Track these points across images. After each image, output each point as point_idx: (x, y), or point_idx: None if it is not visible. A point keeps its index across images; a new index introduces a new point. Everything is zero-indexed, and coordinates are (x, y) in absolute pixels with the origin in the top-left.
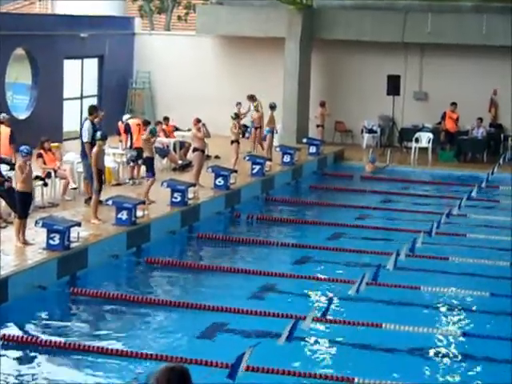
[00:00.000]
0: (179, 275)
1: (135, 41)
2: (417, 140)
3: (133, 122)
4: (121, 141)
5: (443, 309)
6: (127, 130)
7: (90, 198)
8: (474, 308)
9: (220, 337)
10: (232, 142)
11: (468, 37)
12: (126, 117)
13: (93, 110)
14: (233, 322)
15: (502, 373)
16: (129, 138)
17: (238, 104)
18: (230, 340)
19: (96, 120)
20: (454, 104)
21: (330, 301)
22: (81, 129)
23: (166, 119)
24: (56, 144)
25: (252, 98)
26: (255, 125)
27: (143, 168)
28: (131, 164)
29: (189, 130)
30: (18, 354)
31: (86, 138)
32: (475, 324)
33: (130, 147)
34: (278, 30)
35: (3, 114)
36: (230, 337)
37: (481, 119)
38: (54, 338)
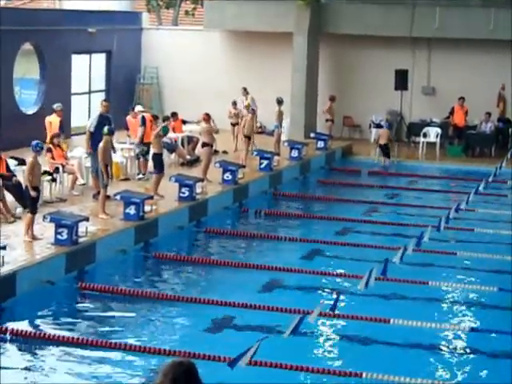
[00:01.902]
0: (187, 270)
1: (143, 36)
2: (425, 135)
3: (148, 117)
4: (129, 136)
5: (451, 304)
6: (143, 122)
7: (98, 193)
8: (482, 303)
9: (228, 331)
10: (244, 136)
11: (476, 31)
12: (138, 107)
13: (101, 101)
14: (241, 316)
15: (510, 368)
16: (140, 132)
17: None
18: (237, 335)
19: (102, 109)
20: (461, 98)
21: (338, 296)
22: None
23: (174, 115)
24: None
25: (245, 90)
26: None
27: (150, 163)
28: (141, 159)
29: (198, 121)
30: (26, 348)
31: (87, 127)
32: (483, 319)
33: (141, 142)
34: (285, 24)
35: (57, 104)
36: (237, 331)
37: (489, 114)
38: (61, 333)
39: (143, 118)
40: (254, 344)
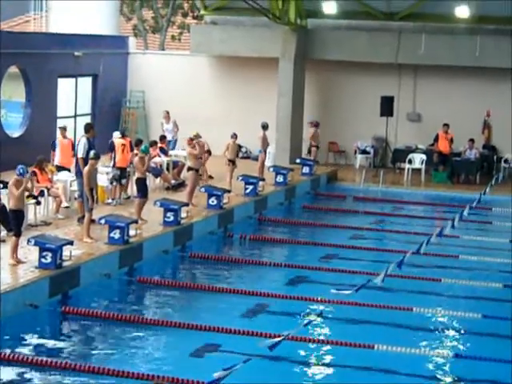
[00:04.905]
0: (171, 295)
1: (129, 60)
2: (410, 161)
3: (117, 142)
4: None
5: (436, 330)
6: (111, 148)
7: (83, 217)
8: (466, 330)
9: (211, 356)
10: (229, 161)
11: (461, 58)
12: (115, 134)
13: (89, 127)
14: (224, 342)
15: None
16: (112, 157)
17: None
18: (221, 360)
19: (88, 135)
20: (446, 125)
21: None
22: (77, 145)
23: (163, 138)
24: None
25: (167, 113)
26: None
27: (133, 188)
28: (114, 183)
29: (183, 150)
30: (9, 372)
31: (80, 154)
32: (467, 346)
33: (113, 166)
34: (271, 49)
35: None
36: (221, 357)
37: (472, 140)
38: (44, 357)
39: (111, 143)
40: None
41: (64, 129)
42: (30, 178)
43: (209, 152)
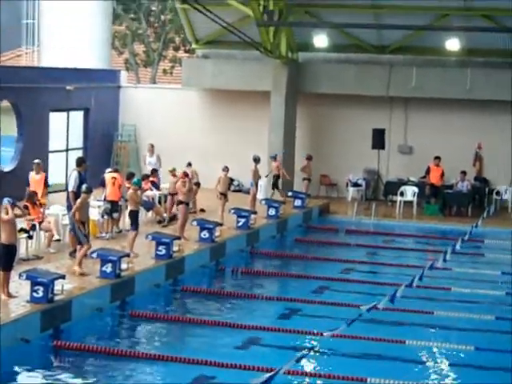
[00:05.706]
0: (163, 328)
1: (121, 94)
2: (402, 194)
3: (108, 175)
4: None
5: (428, 363)
6: (102, 184)
7: (75, 251)
8: (458, 362)
9: None
10: (220, 194)
11: (452, 91)
12: (107, 170)
13: (81, 161)
14: (217, 375)
15: None
16: (104, 191)
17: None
18: None
19: (80, 169)
20: (437, 158)
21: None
22: (68, 179)
23: (154, 171)
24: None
25: (152, 147)
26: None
27: (125, 221)
28: (105, 217)
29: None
30: None
31: (71, 187)
32: (460, 378)
33: (104, 199)
34: (263, 83)
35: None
36: None
37: (464, 172)
38: None
39: (102, 179)
40: None
41: (38, 164)
42: (13, 205)
43: (198, 184)
